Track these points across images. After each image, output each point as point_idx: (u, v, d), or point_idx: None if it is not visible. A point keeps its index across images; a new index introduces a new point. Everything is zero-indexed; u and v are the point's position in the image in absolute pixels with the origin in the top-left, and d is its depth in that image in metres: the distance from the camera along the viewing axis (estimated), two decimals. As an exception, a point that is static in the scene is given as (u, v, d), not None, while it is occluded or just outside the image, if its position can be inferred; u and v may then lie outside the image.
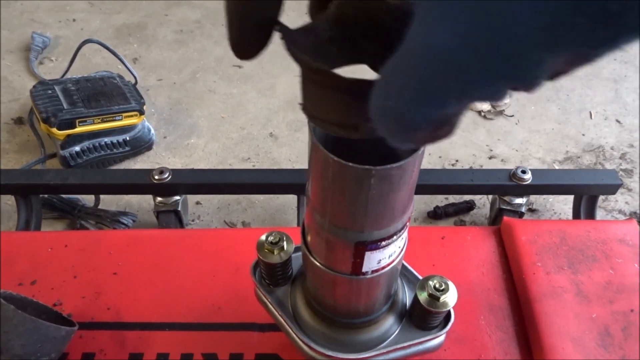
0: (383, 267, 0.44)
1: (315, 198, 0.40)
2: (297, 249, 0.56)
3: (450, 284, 0.52)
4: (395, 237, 0.41)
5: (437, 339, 0.56)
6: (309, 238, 0.46)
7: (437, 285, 0.51)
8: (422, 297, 0.51)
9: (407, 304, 0.56)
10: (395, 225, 0.40)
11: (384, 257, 0.43)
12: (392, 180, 0.35)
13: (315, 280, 0.49)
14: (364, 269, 0.43)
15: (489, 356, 0.72)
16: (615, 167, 1.26)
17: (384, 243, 0.41)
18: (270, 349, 0.71)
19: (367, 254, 0.41)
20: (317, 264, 0.45)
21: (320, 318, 0.54)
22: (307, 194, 0.42)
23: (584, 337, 0.72)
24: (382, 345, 0.53)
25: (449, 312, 0.55)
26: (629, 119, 1.40)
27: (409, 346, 0.54)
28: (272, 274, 0.56)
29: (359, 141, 0.31)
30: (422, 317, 0.53)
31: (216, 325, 0.74)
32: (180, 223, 1.00)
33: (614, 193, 1.01)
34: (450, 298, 0.51)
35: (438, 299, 0.51)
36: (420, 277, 0.55)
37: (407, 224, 0.42)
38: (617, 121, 1.40)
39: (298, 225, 0.99)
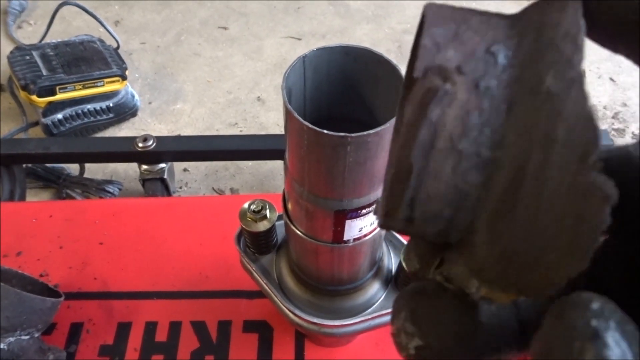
0: (365, 235, 0.43)
1: (293, 167, 0.39)
2: (280, 217, 0.55)
3: None
4: (376, 205, 0.40)
5: None
6: (289, 207, 0.45)
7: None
8: (405, 260, 0.51)
9: (393, 270, 0.56)
10: (375, 193, 0.39)
11: (365, 225, 0.42)
12: (369, 147, 0.33)
13: (298, 249, 0.49)
14: (345, 237, 0.42)
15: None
16: (607, 127, 1.25)
17: (364, 211, 0.40)
18: (258, 316, 0.71)
19: (348, 222, 0.40)
20: (299, 233, 0.45)
21: (305, 286, 0.54)
22: (285, 162, 0.41)
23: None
24: (368, 311, 0.53)
25: None
26: (622, 77, 1.38)
27: None
28: (256, 243, 0.55)
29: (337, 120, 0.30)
30: (407, 282, 0.53)
31: (204, 293, 0.74)
32: (167, 191, 0.99)
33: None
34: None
35: None
36: (406, 242, 0.54)
37: None
38: (611, 79, 1.38)
39: (286, 191, 0.99)
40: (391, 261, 0.57)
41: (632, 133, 1.24)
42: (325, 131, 0.31)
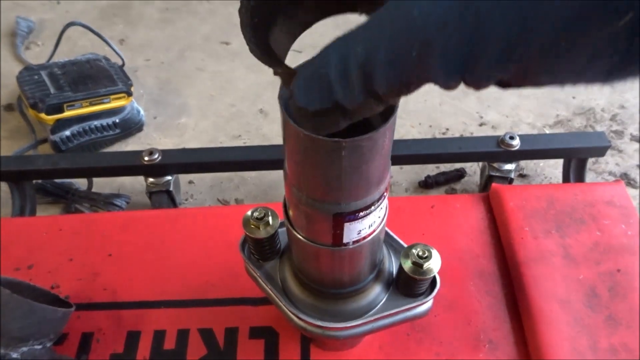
0: (364, 237, 0.45)
1: (292, 173, 0.41)
2: (282, 224, 0.56)
3: (434, 251, 0.53)
4: (373, 208, 0.42)
5: (424, 305, 0.57)
6: (290, 212, 0.46)
7: (420, 253, 0.52)
8: (407, 265, 0.52)
9: (394, 273, 0.58)
10: (372, 196, 0.41)
11: (363, 228, 0.43)
12: (364, 152, 0.35)
13: (300, 253, 0.50)
14: (344, 240, 0.44)
15: (478, 321, 0.74)
16: (605, 129, 1.27)
17: (362, 214, 0.41)
18: (264, 322, 0.73)
19: (346, 225, 0.42)
20: (300, 237, 0.46)
21: (308, 290, 0.55)
22: (284, 170, 0.43)
23: (571, 299, 0.73)
24: (370, 313, 0.55)
25: (434, 279, 0.56)
26: (620, 80, 1.39)
27: (396, 313, 0.55)
28: (260, 249, 0.56)
29: None
30: (407, 284, 0.54)
31: (211, 301, 0.76)
32: (173, 203, 1.01)
33: (602, 155, 1.01)
34: (434, 265, 0.52)
35: (422, 266, 0.52)
36: (406, 246, 0.56)
37: (385, 194, 0.43)
38: (608, 83, 1.39)
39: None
40: (392, 264, 0.58)
41: (630, 135, 1.25)
42: (320, 137, 0.33)
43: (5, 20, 1.60)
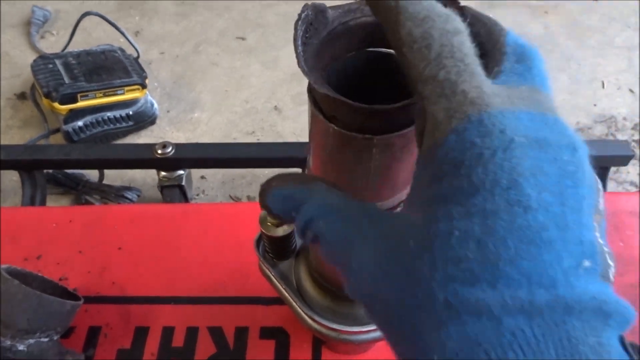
0: None
1: (316, 170, 0.39)
2: None
3: None
4: (398, 209, 0.40)
5: None
6: None
7: None
8: None
9: None
10: (399, 196, 0.39)
11: None
12: (395, 150, 0.33)
13: (315, 252, 0.49)
14: None
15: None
16: (627, 137, 1.24)
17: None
18: (275, 323, 0.71)
19: None
20: None
21: (324, 292, 0.53)
22: (308, 165, 0.41)
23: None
24: None
25: None
26: (642, 89, 1.37)
27: None
28: (275, 248, 0.55)
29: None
30: None
31: (221, 299, 0.74)
32: (184, 197, 0.99)
33: (625, 164, 0.98)
34: None
35: None
36: None
37: None
38: (630, 90, 1.36)
39: (303, 199, 0.99)
40: None
41: (653, 144, 1.22)
42: (351, 133, 0.31)
43: (21, 10, 1.60)
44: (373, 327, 0.52)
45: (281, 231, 0.53)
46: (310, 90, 0.34)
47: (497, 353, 0.18)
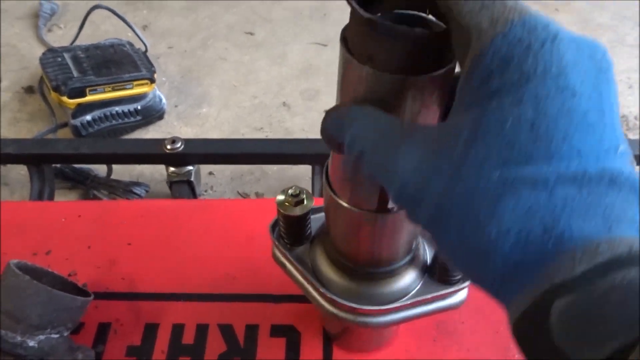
0: None
1: None
2: (315, 210, 0.54)
3: None
4: None
5: (460, 292, 0.54)
6: (333, 176, 0.44)
7: None
8: None
9: (428, 262, 0.55)
10: None
11: None
12: (425, 95, 0.32)
13: (339, 224, 0.48)
14: (389, 205, 0.42)
15: (507, 330, 0.71)
16: (638, 137, 1.23)
17: None
18: (286, 320, 0.71)
19: None
20: (342, 203, 0.44)
21: (342, 270, 0.52)
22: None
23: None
24: (405, 298, 0.52)
25: None
26: (654, 87, 1.35)
27: (432, 299, 0.53)
28: (292, 230, 0.54)
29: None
30: (444, 272, 0.52)
31: (231, 296, 0.74)
32: (193, 193, 0.99)
33: (638, 164, 0.98)
34: None
35: None
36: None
37: None
38: (642, 89, 1.35)
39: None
40: (426, 254, 0.56)
41: (666, 144, 1.21)
42: (384, 72, 0.30)
43: (29, 3, 1.59)
44: (390, 306, 0.51)
45: (299, 210, 0.52)
46: (344, 37, 0.33)
47: (550, 218, 0.20)
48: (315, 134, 1.24)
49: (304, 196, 0.52)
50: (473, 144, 0.22)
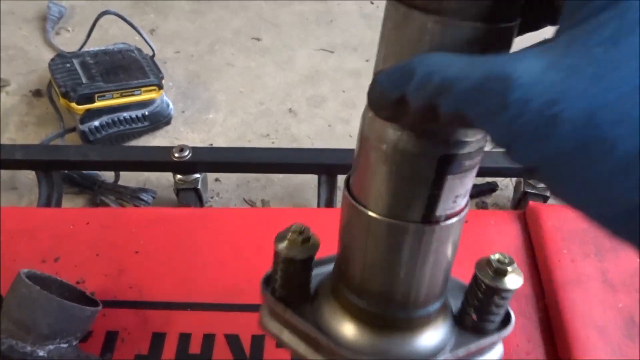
0: (456, 213, 0.35)
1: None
2: (317, 263, 0.45)
3: (511, 258, 0.42)
4: (479, 158, 0.34)
5: (499, 346, 0.47)
6: (360, 187, 0.36)
7: (500, 259, 0.41)
8: (484, 274, 0.41)
9: (453, 310, 0.46)
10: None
11: (460, 193, 0.34)
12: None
13: (368, 248, 0.38)
14: (438, 211, 0.34)
15: (510, 342, 0.72)
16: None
17: (467, 163, 0.32)
18: (292, 332, 0.71)
19: (449, 180, 0.33)
20: (372, 214, 0.36)
21: (366, 323, 0.42)
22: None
23: (609, 326, 0.71)
24: (445, 351, 0.42)
25: (508, 313, 0.45)
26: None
27: (474, 353, 0.44)
28: (294, 280, 0.44)
29: None
30: (482, 307, 0.42)
31: (238, 306, 0.74)
32: (200, 201, 1.00)
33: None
34: (516, 272, 0.41)
35: (505, 272, 0.41)
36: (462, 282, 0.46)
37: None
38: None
39: (318, 205, 0.98)
40: (450, 300, 0.47)
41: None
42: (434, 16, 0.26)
43: (37, 5, 1.60)
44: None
45: (305, 251, 0.42)
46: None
47: None
48: (321, 141, 1.25)
49: (309, 233, 0.43)
50: (620, 42, 0.18)
